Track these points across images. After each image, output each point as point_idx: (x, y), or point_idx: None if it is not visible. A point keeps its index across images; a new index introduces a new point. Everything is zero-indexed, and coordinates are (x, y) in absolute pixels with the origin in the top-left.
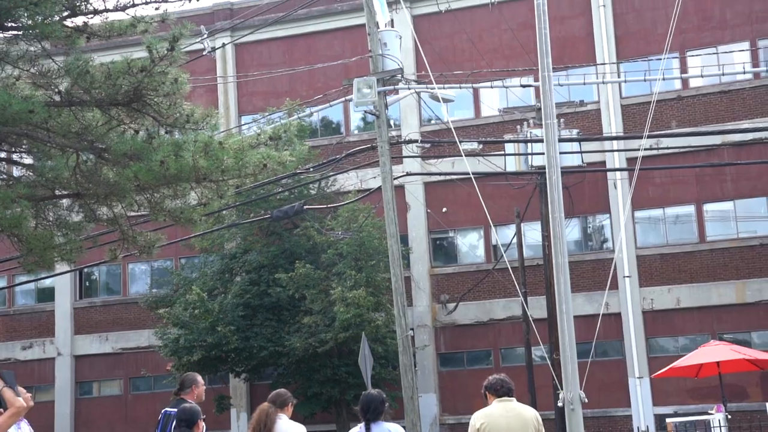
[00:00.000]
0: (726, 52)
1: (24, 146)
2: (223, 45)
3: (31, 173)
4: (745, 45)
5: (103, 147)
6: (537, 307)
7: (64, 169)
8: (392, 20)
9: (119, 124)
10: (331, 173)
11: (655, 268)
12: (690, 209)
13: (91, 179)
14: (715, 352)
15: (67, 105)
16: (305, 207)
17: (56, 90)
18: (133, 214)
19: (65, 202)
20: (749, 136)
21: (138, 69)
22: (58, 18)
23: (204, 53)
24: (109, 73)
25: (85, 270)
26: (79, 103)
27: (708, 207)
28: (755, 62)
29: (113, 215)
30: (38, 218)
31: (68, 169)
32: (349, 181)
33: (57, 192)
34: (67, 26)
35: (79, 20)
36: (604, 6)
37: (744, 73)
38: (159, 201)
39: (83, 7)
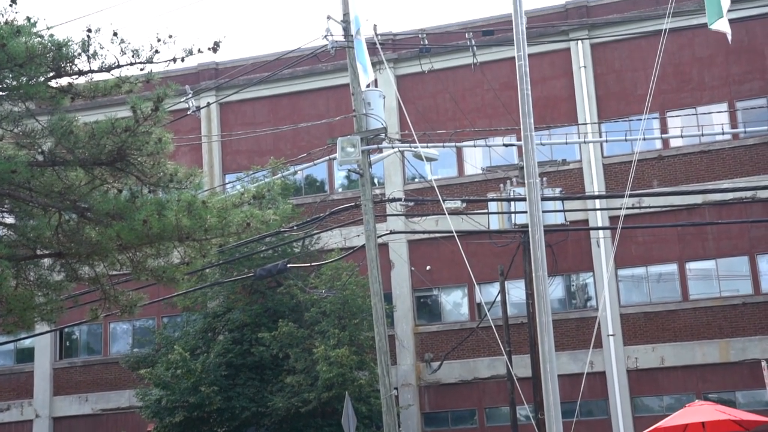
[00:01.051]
0: (705, 113)
1: (6, 206)
2: (208, 104)
3: (12, 233)
4: (724, 106)
5: (85, 206)
6: (522, 366)
7: (46, 229)
8: (376, 80)
9: (102, 184)
10: (315, 231)
11: (639, 327)
12: (673, 268)
13: (74, 238)
14: (700, 412)
15: (51, 165)
16: (289, 265)
17: (40, 150)
18: (115, 273)
19: (47, 261)
20: (729, 196)
21: (122, 129)
22: (43, 79)
23: (189, 112)
24: (93, 132)
25: (66, 330)
26: (63, 163)
27: (690, 265)
28: (734, 123)
29: (95, 274)
30: (19, 278)
31: (50, 229)
32: (333, 239)
33: (38, 251)
34: (52, 87)
35: (63, 80)
36: (585, 67)
37: (723, 133)
38: (141, 260)
39: (68, 68)
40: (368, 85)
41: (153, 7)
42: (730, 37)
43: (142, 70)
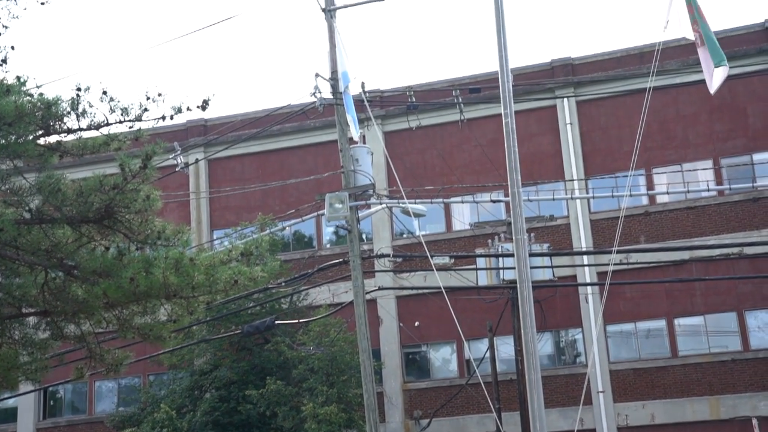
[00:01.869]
0: (690, 170)
1: None
2: (197, 161)
3: None
4: (708, 163)
5: (72, 264)
6: (511, 423)
7: (32, 287)
8: (364, 136)
9: (90, 241)
10: (303, 287)
11: (629, 383)
12: (661, 323)
13: (60, 296)
14: None
15: (38, 222)
16: (276, 322)
17: (27, 208)
18: (100, 330)
19: (32, 319)
20: (716, 252)
21: (110, 186)
22: (31, 137)
23: (177, 169)
24: (80, 190)
25: (50, 389)
26: (50, 221)
27: (679, 321)
28: (718, 180)
29: (81, 332)
30: (3, 337)
31: (36, 287)
32: (321, 295)
33: (24, 310)
34: (41, 145)
35: (52, 138)
36: (571, 124)
37: (708, 190)
38: (128, 318)
39: (57, 126)
40: (357, 140)
41: (143, 63)
42: (714, 86)
43: (131, 127)
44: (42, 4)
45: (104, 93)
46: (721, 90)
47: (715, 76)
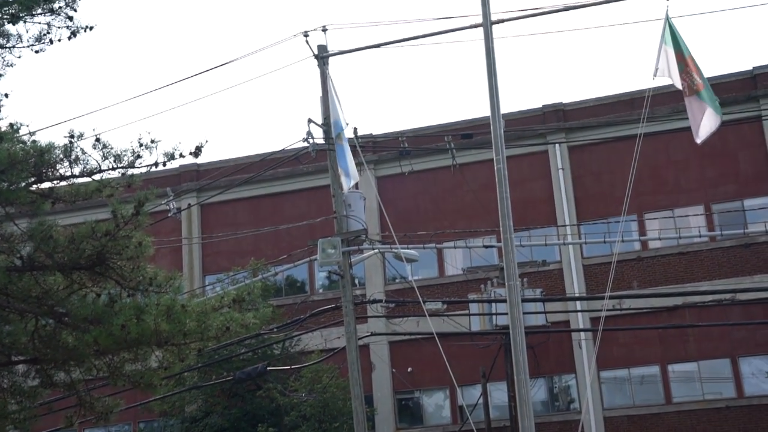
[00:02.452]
0: (682, 216)
1: None
2: (189, 206)
3: None
4: (700, 209)
5: (63, 311)
6: None
7: (21, 335)
8: (357, 182)
9: (81, 288)
10: (296, 333)
11: (623, 430)
12: (655, 369)
13: (50, 344)
14: None
15: (29, 269)
16: (268, 368)
17: (18, 255)
18: (90, 378)
19: (21, 367)
20: (709, 298)
21: (102, 233)
22: (24, 184)
23: (170, 215)
24: (72, 237)
25: None
26: (41, 268)
27: (673, 367)
28: (710, 225)
29: (71, 380)
30: None
31: (26, 334)
32: (314, 340)
33: (13, 358)
34: (33, 192)
35: (45, 185)
36: (562, 169)
37: (700, 236)
38: (119, 365)
39: (50, 173)
40: (346, 192)
41: (137, 107)
42: (701, 137)
43: (123, 174)
44: (70, 38)
45: (97, 140)
46: (711, 136)
47: (702, 128)
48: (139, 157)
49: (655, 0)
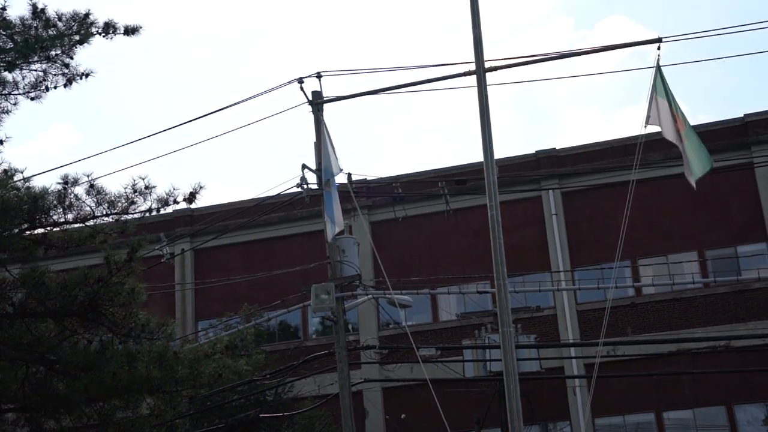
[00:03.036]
0: (676, 263)
1: None
2: (183, 251)
3: None
4: (694, 255)
5: (54, 358)
6: None
7: (12, 382)
8: (350, 227)
9: (72, 335)
10: (289, 379)
11: None
12: (650, 417)
13: (40, 392)
14: None
15: (20, 316)
16: (261, 415)
17: (10, 301)
18: (81, 425)
19: (10, 416)
20: (704, 344)
21: (95, 279)
22: (17, 230)
23: (163, 260)
24: (65, 283)
25: None
26: (33, 314)
27: (668, 415)
28: (704, 272)
29: (61, 429)
30: None
31: (17, 382)
32: (307, 387)
33: (3, 406)
34: (26, 238)
35: (38, 230)
36: (556, 215)
37: (693, 282)
38: (109, 413)
39: (43, 219)
40: (330, 240)
41: (133, 152)
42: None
43: (117, 220)
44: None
45: (91, 186)
46: (703, 183)
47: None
48: (133, 203)
49: (648, 48)
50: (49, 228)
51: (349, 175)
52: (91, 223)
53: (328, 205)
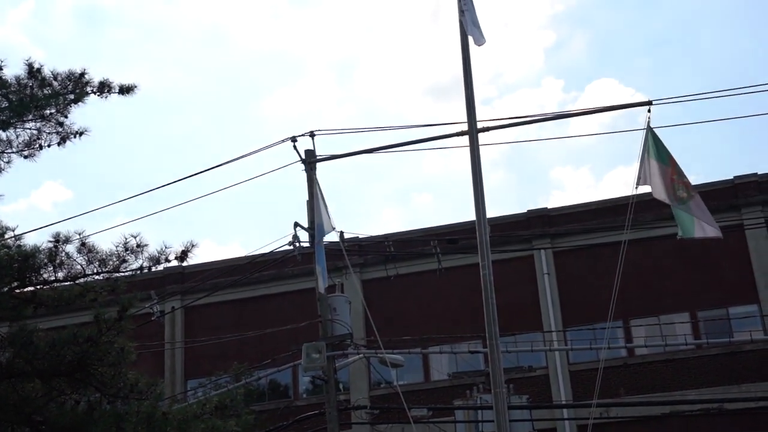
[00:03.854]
0: (667, 323)
1: None
2: (173, 309)
3: None
4: (686, 315)
5: (41, 419)
6: None
7: None
8: (342, 285)
9: (60, 395)
10: None
11: None
12: None
13: None
14: None
15: (7, 376)
16: None
17: None
18: None
19: None
20: (697, 407)
21: (84, 339)
22: (6, 289)
23: (153, 318)
24: (53, 342)
25: None
26: (20, 374)
27: None
28: (696, 333)
29: None
30: None
31: None
32: None
33: None
34: (15, 296)
35: (27, 288)
36: (548, 274)
37: (686, 344)
38: None
39: (33, 278)
40: (322, 291)
41: (126, 209)
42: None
43: (108, 278)
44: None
45: (83, 244)
46: (695, 243)
47: (696, 229)
48: (124, 261)
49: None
50: (39, 286)
51: (341, 233)
52: (81, 281)
53: (320, 259)
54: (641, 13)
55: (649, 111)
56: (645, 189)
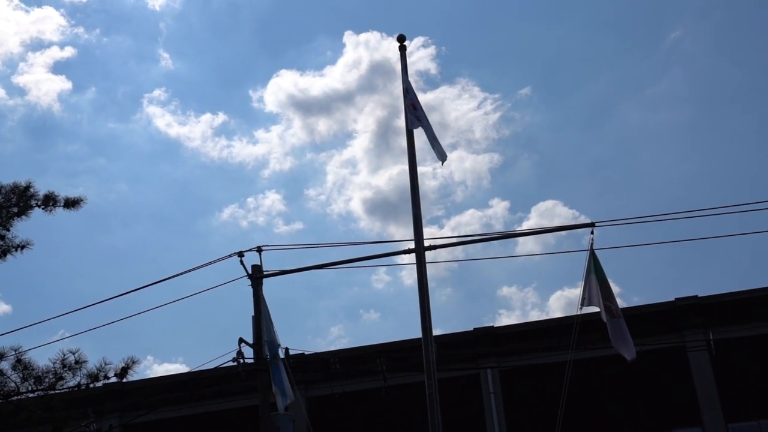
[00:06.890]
0: None
1: None
2: (111, 427)
3: None
4: None
5: None
6: None
7: None
8: (292, 401)
9: None
10: None
11: None
12: None
13: None
14: None
15: None
16: None
17: None
18: None
19: None
20: None
21: None
22: None
23: None
24: None
25: None
26: None
27: None
28: None
29: None
30: None
31: None
32: None
33: None
34: None
35: None
36: (494, 393)
37: None
38: None
39: None
40: (286, 408)
41: (66, 325)
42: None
43: (43, 396)
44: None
45: (18, 361)
46: (639, 365)
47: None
48: (61, 378)
49: (583, 231)
50: None
51: (287, 349)
52: (15, 398)
53: (276, 378)
54: (584, 136)
55: (592, 233)
56: (589, 309)
